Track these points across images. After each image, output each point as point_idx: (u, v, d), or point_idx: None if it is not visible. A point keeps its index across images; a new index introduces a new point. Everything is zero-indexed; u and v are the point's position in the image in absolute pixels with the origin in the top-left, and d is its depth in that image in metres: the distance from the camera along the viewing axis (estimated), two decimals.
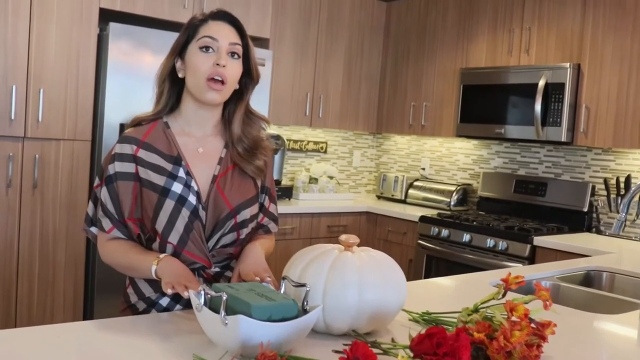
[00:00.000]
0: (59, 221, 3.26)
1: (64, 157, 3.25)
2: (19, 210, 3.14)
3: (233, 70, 1.62)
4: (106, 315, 3.37)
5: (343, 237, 1.49)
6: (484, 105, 4.14)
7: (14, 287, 3.15)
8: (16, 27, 3.05)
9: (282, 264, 1.83)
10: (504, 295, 1.44)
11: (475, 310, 1.46)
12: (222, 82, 1.59)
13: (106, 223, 1.62)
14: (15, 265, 3.15)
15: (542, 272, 2.47)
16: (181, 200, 1.60)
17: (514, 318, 1.30)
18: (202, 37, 1.60)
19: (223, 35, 1.61)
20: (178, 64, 1.64)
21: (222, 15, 1.64)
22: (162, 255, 1.55)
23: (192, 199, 1.61)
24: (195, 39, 1.61)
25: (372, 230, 4.55)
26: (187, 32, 1.63)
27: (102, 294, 3.36)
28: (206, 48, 1.60)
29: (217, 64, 1.58)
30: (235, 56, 1.63)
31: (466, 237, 3.83)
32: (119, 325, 1.45)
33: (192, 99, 1.65)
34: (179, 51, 1.64)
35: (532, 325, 1.30)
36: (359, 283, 1.39)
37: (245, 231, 1.69)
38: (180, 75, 1.64)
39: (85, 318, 3.40)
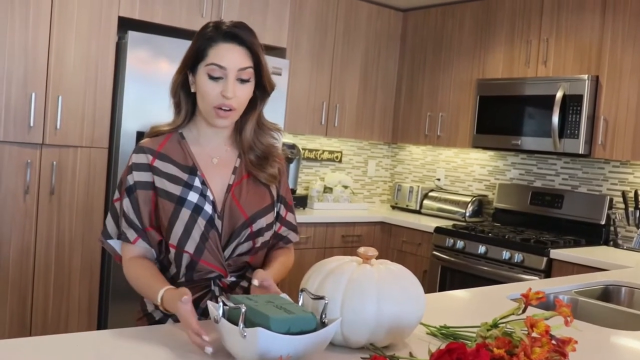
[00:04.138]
0: (75, 228, 3.28)
1: (81, 164, 3.27)
2: (36, 216, 3.16)
3: (242, 96, 1.60)
4: (120, 322, 3.40)
5: (362, 249, 1.48)
6: (501, 117, 4.12)
7: (29, 292, 3.17)
8: (36, 35, 3.08)
9: (296, 273, 1.83)
10: (524, 311, 1.42)
11: (495, 325, 1.44)
12: (230, 109, 1.59)
13: (131, 234, 1.62)
14: (32, 270, 3.17)
15: (559, 286, 2.45)
16: (197, 210, 1.60)
17: (534, 334, 1.28)
18: (209, 64, 1.57)
19: (231, 61, 1.57)
20: (190, 79, 1.63)
21: (232, 36, 1.59)
22: (161, 292, 1.49)
23: (208, 208, 1.61)
24: (204, 62, 1.58)
25: (387, 240, 4.53)
26: (197, 51, 1.60)
27: (116, 301, 3.37)
28: (214, 77, 1.57)
29: (224, 96, 1.56)
30: (245, 80, 1.60)
31: (482, 248, 3.81)
32: (136, 334, 1.44)
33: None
34: (190, 67, 1.62)
35: (553, 341, 1.29)
36: (378, 296, 1.38)
37: (261, 240, 1.68)
38: (192, 90, 1.63)
39: (99, 325, 3.41)
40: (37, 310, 3.20)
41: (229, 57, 1.57)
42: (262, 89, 1.67)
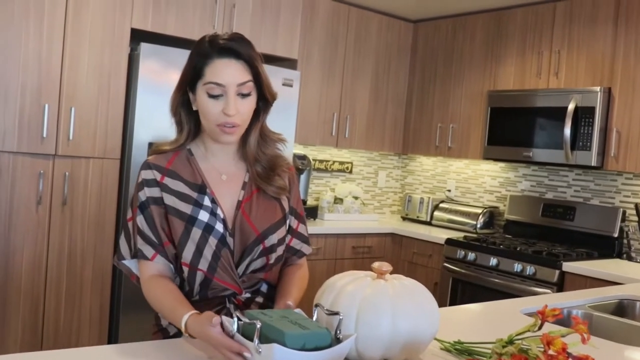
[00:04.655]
0: (87, 238, 3.29)
1: (93, 175, 3.28)
2: (48, 226, 3.17)
3: (244, 111, 1.56)
4: (131, 333, 3.40)
5: (376, 264, 1.48)
6: (512, 128, 4.11)
7: (41, 303, 3.17)
8: (50, 47, 3.10)
9: (307, 284, 1.81)
10: (540, 328, 1.41)
11: (510, 341, 1.43)
12: (234, 126, 1.56)
13: (148, 251, 1.59)
14: (44, 281, 3.18)
15: (573, 300, 2.42)
16: (208, 229, 1.58)
17: (551, 352, 1.27)
18: (207, 83, 1.53)
19: (229, 77, 1.52)
20: (191, 97, 1.59)
21: (227, 51, 1.53)
22: (185, 318, 1.43)
23: (219, 227, 1.59)
24: (202, 80, 1.54)
25: (397, 251, 4.52)
26: (193, 69, 1.56)
27: (127, 313, 3.36)
28: (213, 95, 1.53)
29: (226, 114, 1.52)
30: (246, 95, 1.56)
31: (493, 261, 3.79)
32: (151, 349, 1.44)
33: None
34: (188, 85, 1.58)
35: (570, 359, 1.28)
36: (393, 312, 1.37)
37: (274, 255, 1.66)
38: (194, 108, 1.60)
39: (110, 336, 3.41)
40: (48, 321, 3.20)
41: (227, 73, 1.53)
42: (264, 99, 1.63)
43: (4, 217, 3.05)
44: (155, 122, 3.34)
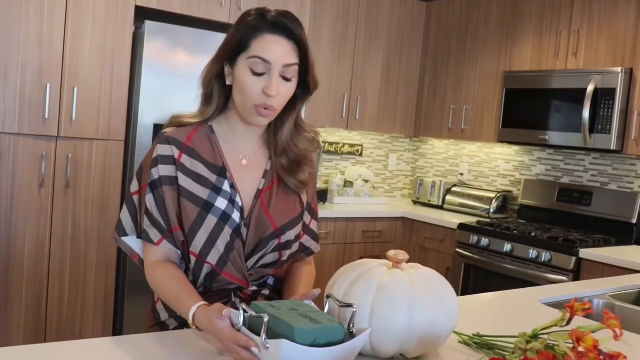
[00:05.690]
0: (90, 222, 3.21)
1: (97, 157, 3.20)
2: (51, 209, 3.10)
3: (284, 94, 1.44)
4: (136, 318, 3.33)
5: (391, 252, 1.38)
6: (528, 110, 3.99)
7: (44, 287, 3.11)
8: (52, 24, 3.00)
9: (316, 269, 1.72)
10: (568, 323, 1.31)
11: (534, 336, 1.34)
12: (271, 109, 1.44)
13: (154, 234, 1.48)
14: (47, 265, 3.11)
15: (593, 290, 2.33)
16: (224, 218, 1.46)
17: (581, 349, 1.18)
18: (253, 57, 1.40)
19: (277, 56, 1.41)
20: (227, 70, 1.47)
21: (280, 28, 1.42)
22: (193, 310, 1.33)
23: (235, 216, 1.48)
24: (246, 54, 1.42)
25: (409, 236, 4.42)
26: (239, 41, 1.43)
27: (132, 296, 3.30)
28: (257, 72, 1.41)
29: (267, 94, 1.41)
30: (288, 79, 1.44)
31: (507, 246, 3.69)
32: (156, 342, 1.36)
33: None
34: (228, 57, 1.46)
35: (601, 357, 1.18)
36: (410, 304, 1.28)
37: (288, 252, 1.55)
38: (228, 82, 1.47)
39: (115, 321, 3.35)
40: (52, 306, 3.14)
41: (275, 50, 1.41)
42: (305, 87, 1.51)
43: (6, 201, 2.98)
44: (161, 102, 3.24)
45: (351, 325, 1.22)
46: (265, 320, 1.13)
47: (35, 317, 3.10)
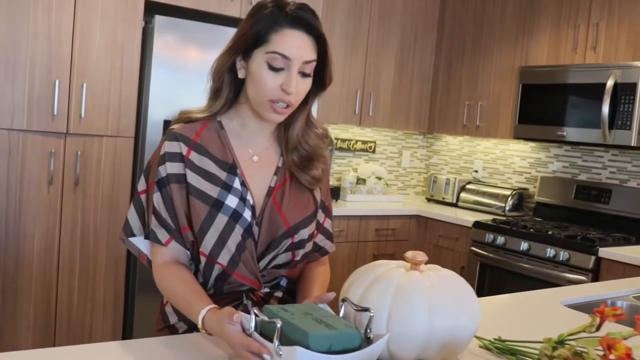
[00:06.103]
0: (100, 219, 3.17)
1: (106, 154, 3.15)
2: (60, 207, 3.06)
3: (302, 91, 1.40)
4: (147, 317, 3.28)
5: (410, 253, 1.32)
6: (545, 106, 3.90)
7: (54, 287, 3.07)
8: (60, 20, 2.95)
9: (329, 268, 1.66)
10: (598, 329, 1.24)
11: (561, 342, 1.27)
12: (288, 105, 1.39)
13: (162, 234, 1.43)
14: (56, 263, 3.07)
15: (615, 291, 2.26)
16: (235, 216, 1.41)
17: (612, 356, 1.11)
18: (272, 52, 1.35)
19: (298, 51, 1.35)
20: (239, 63, 1.41)
21: (300, 22, 1.37)
22: (202, 313, 1.27)
23: (247, 214, 1.42)
24: (264, 48, 1.36)
25: (423, 234, 4.35)
26: (257, 33, 1.37)
27: (142, 296, 3.26)
28: (275, 67, 1.36)
29: (285, 91, 1.36)
30: (307, 75, 1.39)
31: (524, 245, 3.61)
32: (165, 346, 1.31)
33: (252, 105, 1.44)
34: (243, 50, 1.39)
35: None
36: (429, 307, 1.22)
37: (301, 252, 1.50)
38: (240, 75, 1.42)
39: (125, 322, 3.31)
40: (61, 305, 3.10)
41: (296, 46, 1.35)
42: (320, 83, 1.46)
43: (14, 198, 2.94)
44: (171, 98, 3.20)
45: (368, 331, 1.16)
46: (278, 325, 1.07)
47: (44, 317, 3.06)
